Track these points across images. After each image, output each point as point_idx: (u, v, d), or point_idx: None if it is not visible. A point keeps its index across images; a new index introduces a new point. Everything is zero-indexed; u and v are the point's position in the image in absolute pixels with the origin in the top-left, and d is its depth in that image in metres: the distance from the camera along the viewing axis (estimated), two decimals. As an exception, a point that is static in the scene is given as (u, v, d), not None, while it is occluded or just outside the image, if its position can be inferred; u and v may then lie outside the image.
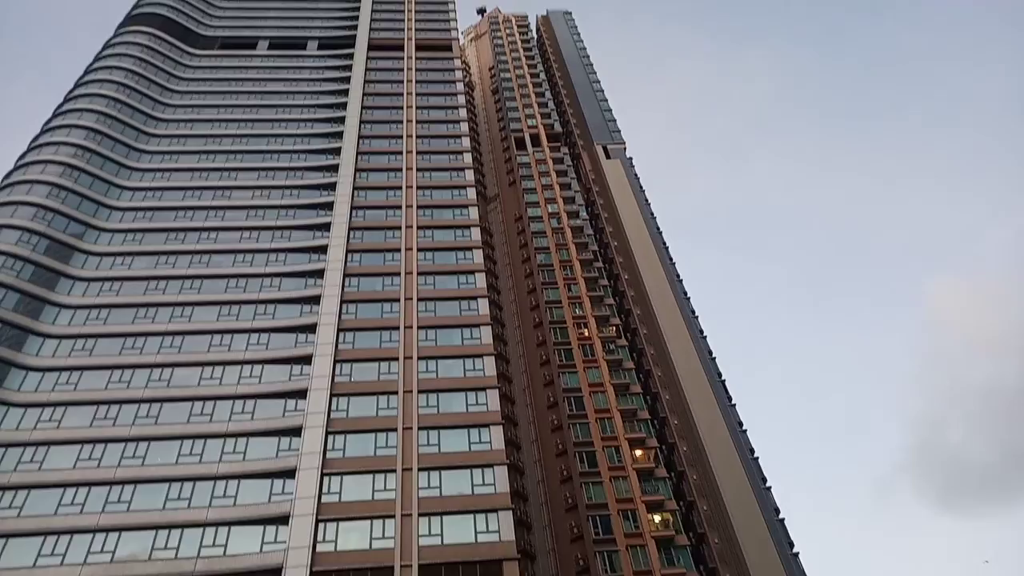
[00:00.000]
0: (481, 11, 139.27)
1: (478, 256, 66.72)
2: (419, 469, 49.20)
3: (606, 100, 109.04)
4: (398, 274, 63.81)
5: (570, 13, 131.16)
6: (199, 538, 44.89)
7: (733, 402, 70.35)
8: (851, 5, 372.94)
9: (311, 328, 58.32)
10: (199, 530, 45.32)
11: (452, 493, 48.11)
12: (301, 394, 53.26)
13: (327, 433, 50.58)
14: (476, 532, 46.05)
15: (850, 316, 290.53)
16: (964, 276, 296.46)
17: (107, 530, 44.99)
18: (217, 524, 45.63)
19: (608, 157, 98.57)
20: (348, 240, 66.56)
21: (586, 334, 72.91)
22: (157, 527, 45.29)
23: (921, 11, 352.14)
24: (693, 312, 78.86)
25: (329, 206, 70.49)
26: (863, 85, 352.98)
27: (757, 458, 65.93)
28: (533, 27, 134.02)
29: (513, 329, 78.99)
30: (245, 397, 53.24)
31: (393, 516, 46.31)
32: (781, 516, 61.23)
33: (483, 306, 61.62)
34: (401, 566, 43.73)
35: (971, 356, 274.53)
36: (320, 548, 44.45)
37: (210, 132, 79.92)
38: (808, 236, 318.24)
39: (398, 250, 66.26)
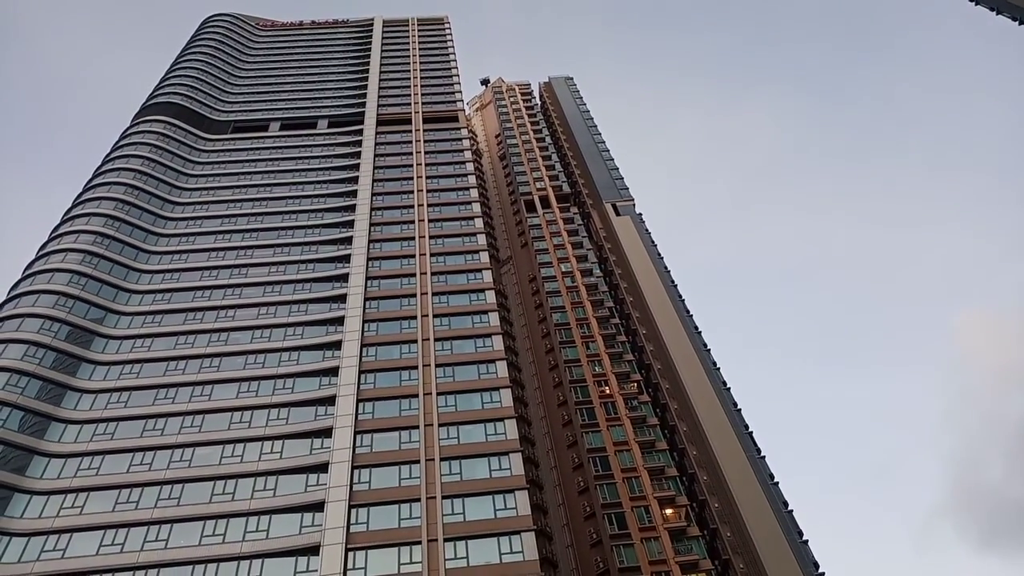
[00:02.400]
0: (485, 82, 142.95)
1: (494, 319, 66.72)
2: (445, 539, 48.20)
3: (612, 159, 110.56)
4: (415, 341, 63.85)
5: (571, 78, 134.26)
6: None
7: (762, 454, 68.85)
8: (848, 50, 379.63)
9: (331, 400, 58.17)
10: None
11: (479, 563, 47.01)
12: (323, 468, 52.76)
13: (349, 507, 49.88)
14: (500, 553, 47.07)
15: (876, 361, 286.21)
16: (986, 312, 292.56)
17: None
18: (243, 606, 44.81)
19: (618, 214, 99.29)
20: (364, 310, 66.90)
21: (607, 391, 72.12)
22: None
23: (921, 52, 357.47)
24: (715, 364, 77.99)
25: (344, 278, 71.15)
26: (866, 130, 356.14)
27: (791, 511, 64.09)
28: (536, 93, 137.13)
29: (533, 390, 78.35)
30: (267, 474, 52.82)
31: (420, 541, 47.57)
32: (821, 571, 59.13)
33: (501, 368, 61.29)
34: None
35: (1002, 391, 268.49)
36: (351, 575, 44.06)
37: (225, 212, 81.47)
38: (821, 284, 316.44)
39: (414, 317, 66.43)
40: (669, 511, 61.21)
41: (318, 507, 50.06)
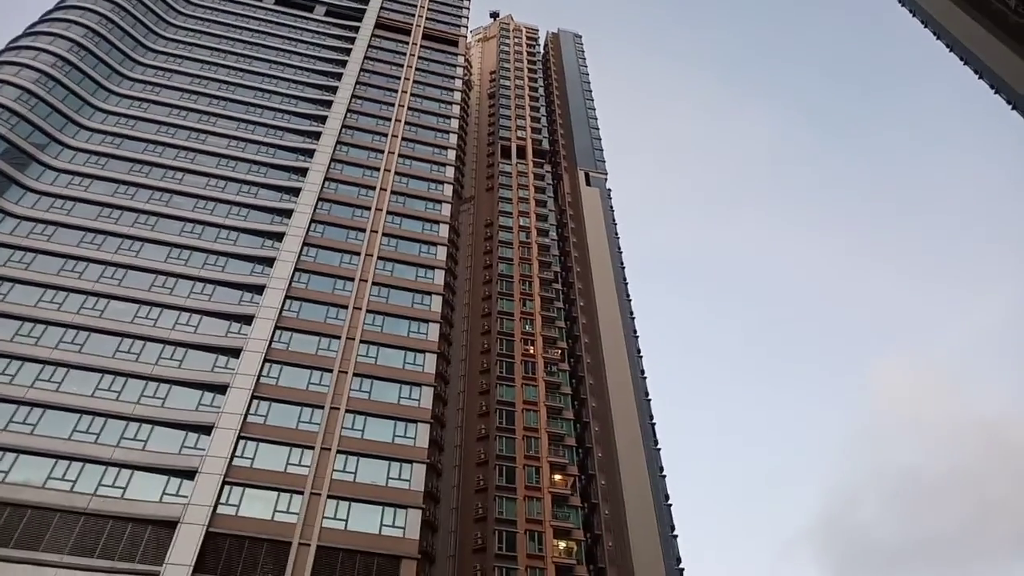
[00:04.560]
0: (494, 15, 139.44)
1: (442, 253, 66.43)
2: (338, 451, 48.63)
3: (597, 128, 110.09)
4: (358, 253, 63.17)
5: (580, 36, 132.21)
6: (99, 476, 43.63)
7: (659, 446, 71.19)
8: (849, 82, 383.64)
9: (259, 289, 57.35)
10: (101, 468, 44.06)
11: (366, 481, 47.65)
12: (234, 352, 52.25)
13: (252, 396, 49.69)
14: (382, 524, 45.69)
15: (796, 379, 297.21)
16: (911, 361, 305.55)
17: (5, 449, 43.43)
18: (121, 465, 44.44)
19: (588, 184, 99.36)
20: (315, 210, 65.68)
21: (531, 351, 73.07)
22: (58, 456, 43.91)
23: (912, 97, 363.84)
24: (639, 352, 79.73)
25: (303, 171, 69.56)
26: (847, 163, 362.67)
27: (670, 505, 66.76)
28: (542, 42, 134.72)
29: (460, 332, 78.76)
30: (176, 344, 52.02)
31: (302, 492, 45.64)
32: (682, 566, 62.03)
33: (436, 303, 61.31)
34: (299, 543, 43.07)
35: (899, 439, 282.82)
36: (221, 510, 43.54)
37: (198, 72, 78.33)
38: (770, 296, 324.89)
39: (363, 230, 65.58)
40: (558, 476, 63.04)
41: (221, 389, 49.76)
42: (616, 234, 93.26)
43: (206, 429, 47.26)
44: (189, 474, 44.71)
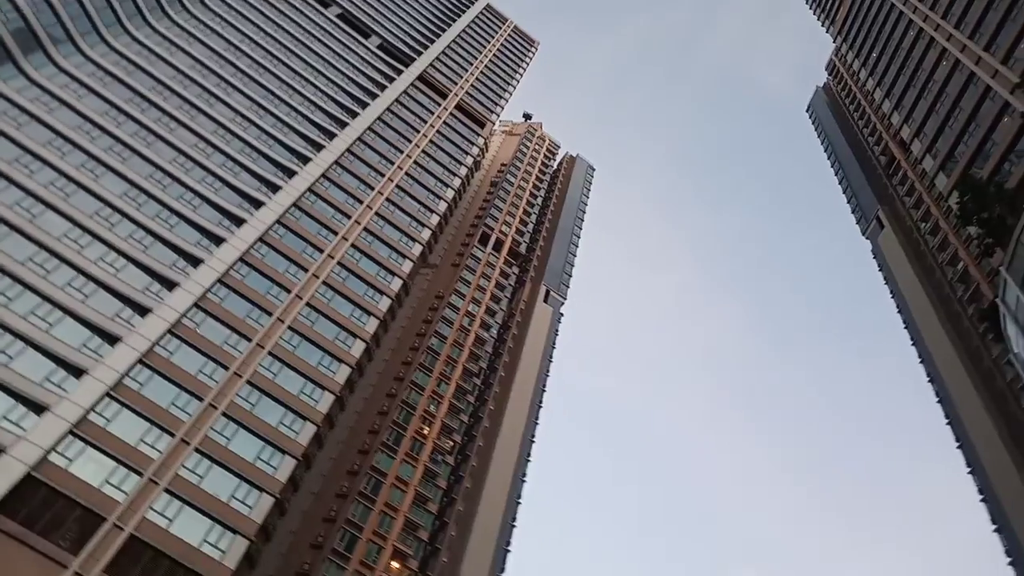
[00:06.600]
0: (527, 116, 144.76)
1: (384, 304, 66.11)
2: (196, 449, 46.54)
3: (575, 255, 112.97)
4: (306, 270, 62.52)
5: (593, 169, 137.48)
6: (-53, 373, 40.90)
7: (503, 572, 69.74)
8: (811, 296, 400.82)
9: (196, 261, 55.93)
10: (-47, 365, 41.33)
11: (210, 491, 45.43)
12: (143, 311, 50.32)
13: (139, 360, 47.65)
14: (205, 540, 43.31)
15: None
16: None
17: None
18: (-25, 371, 41.74)
19: (546, 301, 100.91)
20: (285, 212, 65.27)
21: (425, 432, 72.00)
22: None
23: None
24: (524, 476, 79.11)
25: (290, 173, 69.53)
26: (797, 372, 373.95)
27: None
28: (558, 159, 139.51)
29: (366, 384, 77.41)
30: (91, 278, 49.78)
31: (141, 474, 43.17)
32: None
33: (358, 347, 60.49)
34: (114, 524, 40.43)
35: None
36: (53, 458, 40.87)
37: (236, 42, 79.17)
38: (682, 484, 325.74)
39: (321, 251, 65.21)
40: (396, 564, 60.92)
41: (111, 339, 47.15)
42: (551, 358, 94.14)
43: (78, 372, 44.79)
44: (39, 409, 41.95)
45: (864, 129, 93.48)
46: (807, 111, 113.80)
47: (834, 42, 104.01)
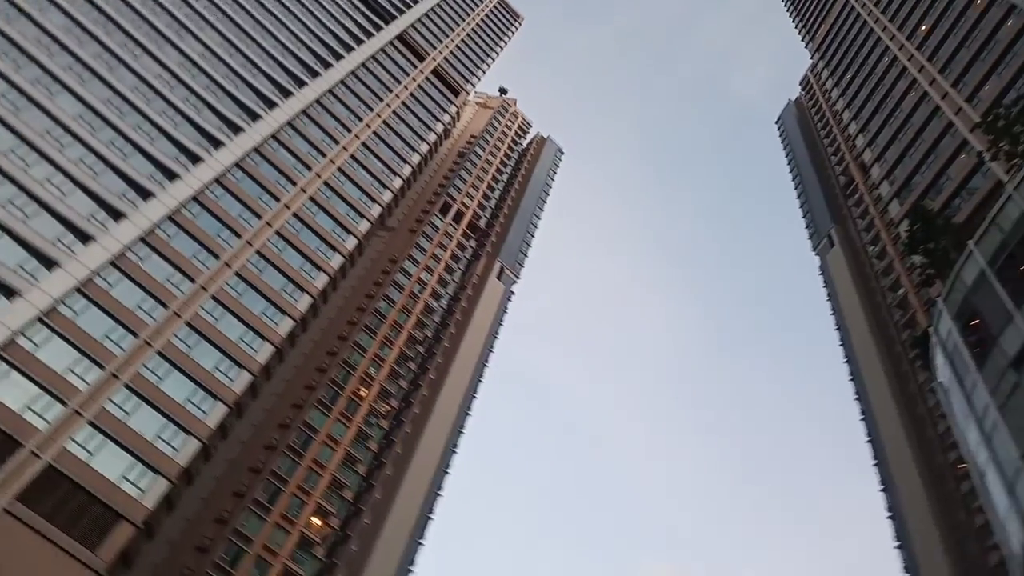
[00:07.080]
0: (503, 91, 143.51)
1: (336, 260, 65.59)
2: (125, 384, 45.68)
3: (532, 236, 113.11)
4: (260, 217, 61.51)
5: (562, 152, 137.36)
6: None
7: (422, 541, 70.31)
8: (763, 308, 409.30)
9: (146, 195, 54.44)
10: None
11: (135, 428, 44.79)
12: (85, 238, 48.81)
13: (76, 289, 46.37)
14: (124, 477, 42.72)
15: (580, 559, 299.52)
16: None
17: None
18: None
19: (498, 278, 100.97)
20: (245, 156, 63.92)
21: (363, 394, 71.73)
22: None
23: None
24: (455, 447, 79.58)
25: (255, 116, 67.98)
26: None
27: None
28: (528, 138, 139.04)
29: (308, 340, 76.67)
30: (35, 199, 48.02)
31: (66, 404, 42.27)
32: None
33: (304, 302, 60.05)
34: (32, 451, 39.56)
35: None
36: (-26, 378, 39.76)
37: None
38: (606, 475, 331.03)
39: (278, 199, 64.18)
40: (318, 521, 60.90)
41: (49, 264, 45.66)
42: (496, 334, 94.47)
43: (9, 293, 43.38)
44: (-35, 326, 40.76)
45: (829, 147, 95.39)
46: (777, 123, 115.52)
47: (811, 58, 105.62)
